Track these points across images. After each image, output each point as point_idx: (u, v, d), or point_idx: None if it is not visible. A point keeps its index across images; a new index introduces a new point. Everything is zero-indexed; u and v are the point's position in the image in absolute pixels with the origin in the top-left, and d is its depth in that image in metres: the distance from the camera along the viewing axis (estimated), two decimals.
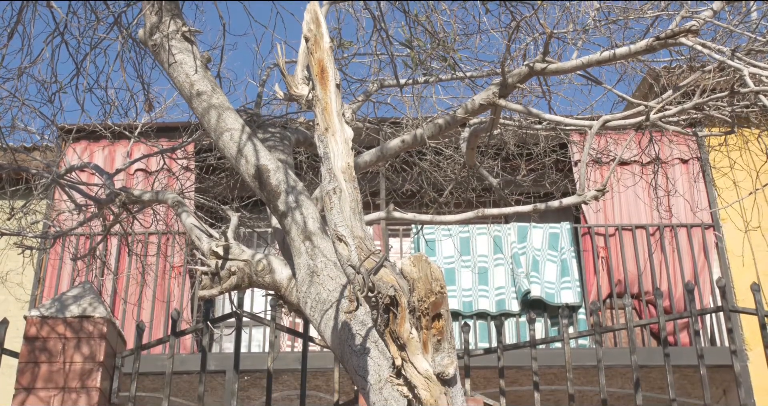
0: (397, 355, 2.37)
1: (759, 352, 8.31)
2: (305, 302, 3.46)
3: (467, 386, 5.03)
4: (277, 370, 8.09)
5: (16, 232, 5.64)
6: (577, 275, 9.25)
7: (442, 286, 2.36)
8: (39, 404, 4.82)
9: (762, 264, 9.12)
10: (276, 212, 3.74)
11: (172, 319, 5.25)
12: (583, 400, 8.84)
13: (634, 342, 5.17)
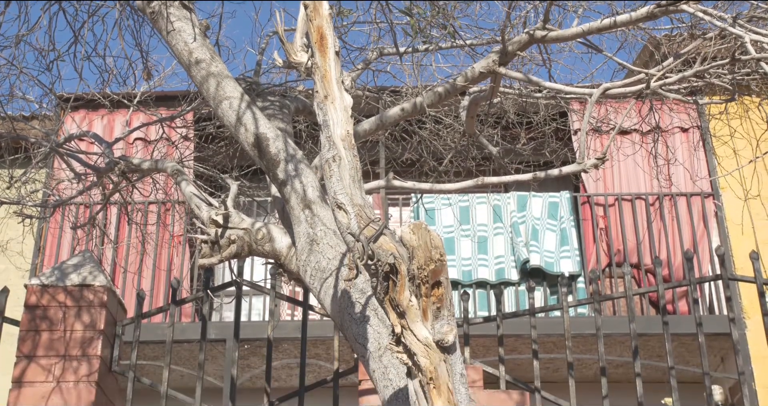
0: (396, 322, 2.37)
1: (757, 320, 8.34)
2: (305, 271, 3.46)
3: (466, 354, 5.05)
4: (277, 338, 8.12)
5: (15, 201, 5.64)
6: (576, 244, 9.26)
7: (442, 254, 2.36)
8: (40, 372, 4.84)
9: (761, 233, 9.13)
10: (275, 180, 3.73)
11: (172, 288, 5.26)
12: (582, 368, 8.88)
13: (633, 310, 5.19)
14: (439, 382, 2.34)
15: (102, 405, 4.91)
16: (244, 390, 8.73)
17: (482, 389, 4.91)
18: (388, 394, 2.82)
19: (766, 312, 5.06)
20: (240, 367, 8.79)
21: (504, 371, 5.12)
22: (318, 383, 5.20)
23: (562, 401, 5.05)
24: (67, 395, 4.79)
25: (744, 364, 8.03)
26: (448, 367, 2.35)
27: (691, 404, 8.77)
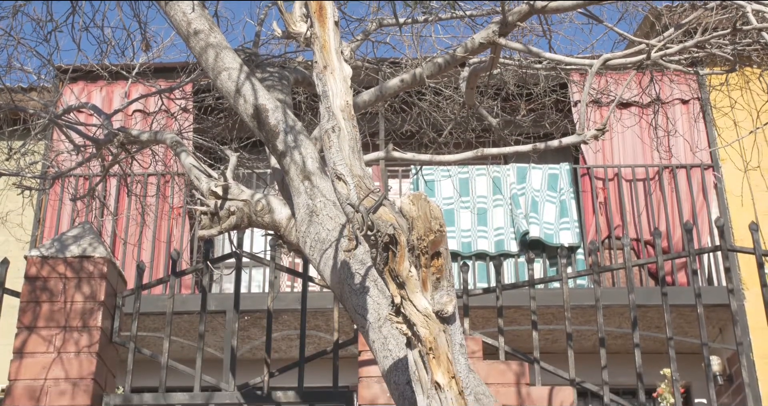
0: (396, 293, 2.37)
1: (755, 291, 8.36)
2: (304, 242, 3.46)
3: (466, 325, 5.06)
4: (277, 310, 8.15)
5: (14, 172, 5.63)
6: (575, 216, 9.27)
7: (441, 224, 2.36)
8: (41, 343, 4.86)
9: (761, 204, 9.13)
10: (275, 151, 3.72)
11: (172, 259, 5.27)
12: (581, 339, 8.92)
13: (632, 281, 5.20)
14: (439, 352, 2.34)
15: (103, 376, 4.94)
16: (245, 361, 8.77)
17: (481, 359, 4.93)
18: (388, 364, 2.83)
19: (764, 283, 5.07)
20: (240, 338, 8.82)
21: (503, 342, 5.14)
22: (318, 354, 5.22)
23: (561, 371, 5.07)
24: (68, 365, 4.81)
25: (742, 335, 8.07)
26: (447, 337, 2.36)
27: (689, 374, 8.82)
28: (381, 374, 3.05)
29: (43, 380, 4.77)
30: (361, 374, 4.88)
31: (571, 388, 4.89)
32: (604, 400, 4.96)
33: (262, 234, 5.39)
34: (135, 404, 4.86)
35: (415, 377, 2.39)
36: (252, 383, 5.10)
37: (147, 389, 7.28)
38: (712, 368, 8.41)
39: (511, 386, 4.86)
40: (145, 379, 7.35)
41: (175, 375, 6.55)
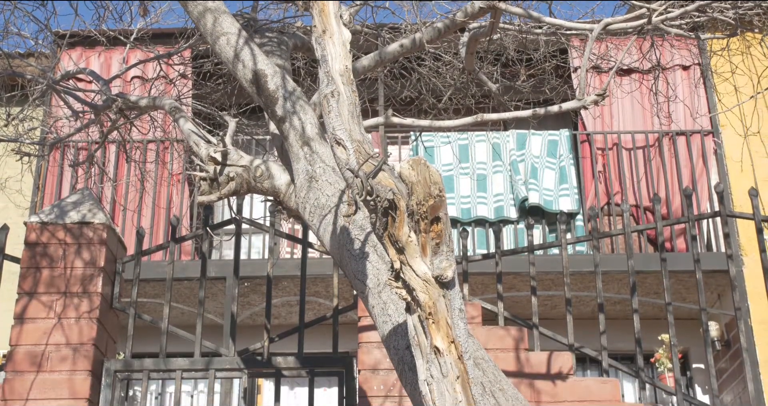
0: (395, 258, 2.37)
1: (754, 257, 8.38)
2: (304, 208, 3.46)
3: (465, 291, 5.08)
4: (277, 276, 8.17)
5: (13, 138, 5.61)
6: (575, 183, 9.27)
7: (441, 189, 2.36)
8: (41, 308, 4.88)
9: (760, 170, 9.12)
10: (274, 117, 3.71)
11: (172, 225, 5.27)
12: (580, 305, 8.95)
13: (631, 247, 5.21)
14: (438, 317, 2.35)
15: (103, 341, 4.96)
16: (245, 327, 8.80)
17: (480, 325, 4.94)
18: (387, 329, 2.84)
19: (763, 249, 5.07)
20: (240, 304, 8.85)
21: (502, 307, 5.15)
22: (318, 320, 5.23)
23: (560, 337, 5.09)
24: (68, 331, 4.83)
25: (741, 300, 8.10)
26: (446, 302, 2.36)
27: (687, 340, 8.86)
28: (381, 339, 3.06)
29: (44, 346, 4.79)
30: (361, 340, 4.90)
31: (569, 353, 4.91)
32: (603, 365, 4.99)
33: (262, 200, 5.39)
34: (136, 369, 4.89)
35: (415, 342, 2.40)
36: (252, 349, 5.12)
37: (147, 354, 7.31)
38: (710, 334, 8.45)
39: (510, 351, 4.88)
40: (145, 345, 7.39)
41: (176, 341, 6.58)
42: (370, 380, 4.79)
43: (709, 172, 9.14)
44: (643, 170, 9.27)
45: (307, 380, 4.89)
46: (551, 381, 4.79)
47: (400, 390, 4.73)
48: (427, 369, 2.35)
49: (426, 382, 2.36)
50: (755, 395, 5.00)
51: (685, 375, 9.11)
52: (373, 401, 4.75)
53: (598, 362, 5.06)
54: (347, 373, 4.86)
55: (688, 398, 5.06)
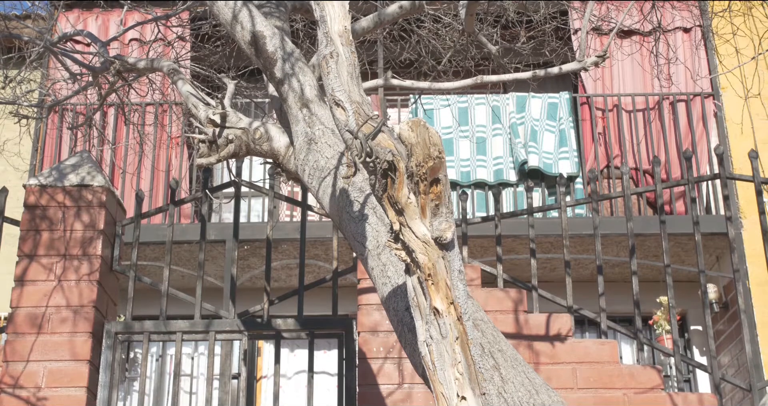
0: (395, 220, 2.37)
1: (753, 220, 8.40)
2: (303, 170, 3.46)
3: (464, 253, 5.09)
4: (277, 239, 8.18)
5: (11, 101, 5.59)
6: (574, 146, 9.25)
7: (440, 151, 2.35)
8: (41, 271, 4.89)
9: (760, 132, 9.11)
10: (273, 79, 3.69)
11: (171, 188, 5.27)
12: (579, 268, 8.97)
13: (630, 209, 5.21)
14: (437, 278, 2.35)
15: (104, 304, 4.97)
16: (244, 290, 8.83)
17: (480, 287, 4.96)
18: (387, 291, 2.85)
19: (763, 211, 5.08)
20: (240, 267, 8.87)
21: (501, 269, 5.17)
22: (317, 282, 5.25)
23: (559, 299, 5.11)
24: (68, 293, 4.84)
25: (739, 262, 8.12)
26: (446, 263, 2.37)
27: (685, 302, 8.90)
28: (380, 301, 3.07)
29: (45, 308, 4.81)
30: (361, 302, 4.92)
31: (568, 315, 4.93)
32: (601, 327, 5.01)
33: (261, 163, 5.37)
34: (136, 331, 4.91)
35: (414, 303, 2.40)
36: (252, 311, 5.14)
37: (148, 317, 7.34)
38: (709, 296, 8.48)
39: (509, 313, 4.90)
40: (145, 307, 7.41)
41: (176, 304, 6.60)
42: (370, 342, 4.81)
43: (709, 134, 9.13)
44: (642, 133, 9.25)
45: (307, 342, 4.92)
46: (550, 343, 4.81)
47: (399, 351, 4.76)
48: (427, 330, 2.36)
49: (425, 343, 2.37)
50: (752, 357, 5.03)
51: (683, 337, 9.16)
52: (372, 363, 4.78)
53: (596, 324, 5.08)
54: (347, 335, 4.88)
55: (685, 359, 5.09)
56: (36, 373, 4.70)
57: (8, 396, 4.66)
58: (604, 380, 4.71)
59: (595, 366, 4.75)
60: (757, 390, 4.91)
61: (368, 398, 4.73)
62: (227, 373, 8.07)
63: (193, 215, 9.10)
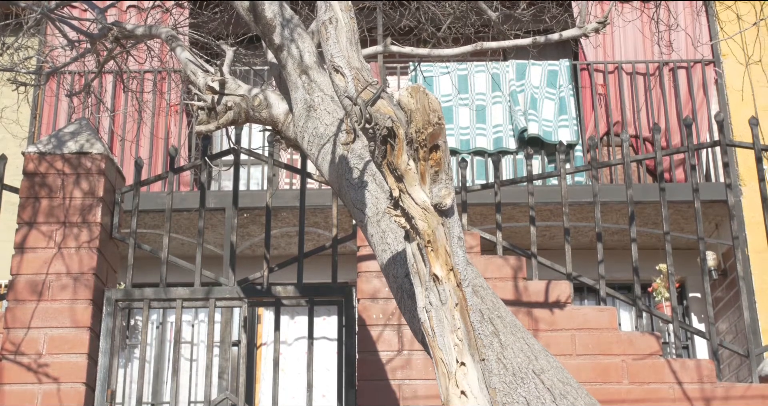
0: (394, 186, 2.37)
1: (752, 187, 8.40)
2: (302, 137, 3.45)
3: (464, 221, 5.09)
4: (276, 207, 8.18)
5: (8, 67, 5.57)
6: (574, 114, 9.23)
7: (440, 117, 2.34)
8: (41, 238, 4.89)
9: (761, 99, 9.08)
10: (271, 45, 3.68)
11: (170, 155, 5.26)
12: (578, 235, 8.98)
13: (630, 177, 5.20)
14: (437, 245, 2.35)
15: (104, 271, 4.98)
16: (244, 258, 8.84)
17: (479, 255, 4.97)
18: (386, 258, 2.85)
19: (762, 177, 5.07)
20: (239, 235, 8.88)
21: (501, 237, 5.17)
22: (317, 250, 5.25)
23: (558, 266, 5.12)
24: (68, 260, 4.85)
25: (738, 229, 8.13)
26: (445, 230, 2.37)
27: (684, 270, 8.92)
28: (379, 268, 3.07)
29: (45, 275, 4.81)
30: (360, 269, 4.93)
31: (567, 282, 4.94)
32: (600, 294, 5.02)
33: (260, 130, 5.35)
34: (136, 299, 4.92)
35: (414, 270, 2.40)
36: (252, 278, 5.15)
37: (148, 285, 7.36)
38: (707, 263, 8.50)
39: (508, 280, 4.91)
40: (145, 275, 7.43)
41: (176, 272, 6.61)
42: (370, 309, 4.83)
43: (709, 102, 9.10)
44: (643, 101, 9.23)
45: (307, 309, 4.93)
46: (549, 309, 4.83)
47: (399, 318, 4.78)
48: (426, 297, 2.37)
49: (425, 309, 2.37)
50: (750, 323, 5.05)
51: (681, 304, 9.19)
52: (372, 329, 4.80)
53: (595, 292, 5.10)
54: (347, 302, 4.90)
55: (684, 325, 5.10)
56: (37, 340, 4.72)
57: (10, 363, 4.68)
58: (603, 346, 4.73)
59: (593, 333, 4.77)
60: (754, 356, 4.94)
61: (368, 364, 4.76)
62: (227, 340, 8.11)
63: (193, 182, 9.10)
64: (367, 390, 4.72)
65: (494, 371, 2.49)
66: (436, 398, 4.54)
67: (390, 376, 4.72)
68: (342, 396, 4.76)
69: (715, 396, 4.63)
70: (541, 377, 2.55)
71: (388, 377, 4.72)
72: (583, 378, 4.56)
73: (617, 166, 7.37)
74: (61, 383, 4.65)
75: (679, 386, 4.64)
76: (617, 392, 4.65)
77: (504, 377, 2.53)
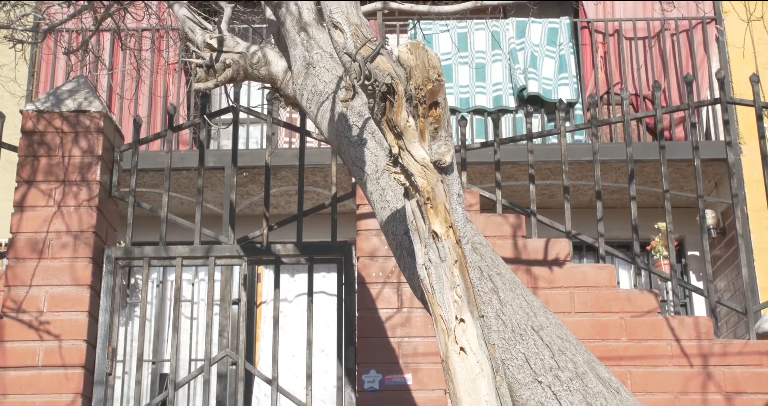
0: (393, 143, 2.36)
1: (752, 145, 8.38)
2: (301, 95, 3.44)
3: (463, 179, 5.09)
4: (276, 166, 8.17)
5: (5, 25, 5.53)
6: (575, 72, 9.19)
7: (440, 73, 2.33)
8: (41, 196, 4.89)
9: (762, 56, 9.02)
10: (270, 2, 3.65)
11: (169, 114, 5.24)
12: (578, 194, 8.98)
13: (630, 135, 5.19)
14: (437, 202, 2.35)
15: (103, 229, 4.99)
16: (243, 217, 8.84)
17: (479, 213, 4.97)
18: (386, 215, 2.85)
19: (763, 135, 5.07)
20: (239, 194, 8.88)
21: (500, 195, 5.17)
22: (316, 208, 5.26)
23: (557, 224, 5.12)
24: (68, 218, 4.85)
25: (738, 187, 8.13)
26: (445, 187, 2.36)
27: (683, 228, 8.93)
28: (379, 226, 3.07)
29: (45, 233, 4.82)
30: (360, 228, 4.93)
31: (567, 240, 4.95)
32: (600, 252, 5.04)
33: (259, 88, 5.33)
34: (136, 257, 4.93)
35: (413, 227, 2.41)
36: (251, 237, 5.16)
37: (147, 244, 7.37)
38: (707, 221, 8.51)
39: (507, 238, 4.92)
40: (145, 234, 7.43)
41: (176, 231, 6.62)
42: (369, 267, 4.84)
43: (710, 59, 9.05)
44: (643, 59, 9.18)
45: (307, 268, 4.95)
46: (548, 267, 4.84)
47: (398, 276, 4.79)
48: (425, 254, 2.37)
49: (424, 266, 2.38)
50: (749, 281, 5.07)
51: (680, 262, 9.21)
52: (371, 287, 4.82)
53: (594, 250, 5.11)
54: (346, 260, 4.91)
55: (682, 283, 5.12)
56: (38, 297, 4.74)
57: (11, 320, 4.70)
58: (602, 304, 4.76)
59: (592, 290, 4.79)
60: (752, 313, 4.96)
61: (367, 321, 4.78)
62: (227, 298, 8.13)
63: (192, 141, 9.08)
64: (366, 347, 4.75)
65: (493, 327, 2.51)
66: (436, 355, 4.57)
67: (389, 333, 4.75)
68: (342, 353, 4.79)
69: (712, 353, 4.66)
70: (540, 334, 2.56)
71: (388, 334, 4.75)
72: (581, 335, 4.58)
73: (617, 124, 7.36)
74: (62, 340, 4.68)
75: (676, 342, 4.67)
76: (615, 348, 4.68)
77: (503, 333, 2.54)
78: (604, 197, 8.81)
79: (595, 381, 2.50)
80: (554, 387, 2.47)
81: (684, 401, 4.60)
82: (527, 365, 2.51)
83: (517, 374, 2.50)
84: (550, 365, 2.50)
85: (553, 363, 2.50)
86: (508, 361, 2.51)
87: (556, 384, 2.47)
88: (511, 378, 2.49)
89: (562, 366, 2.50)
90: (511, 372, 2.50)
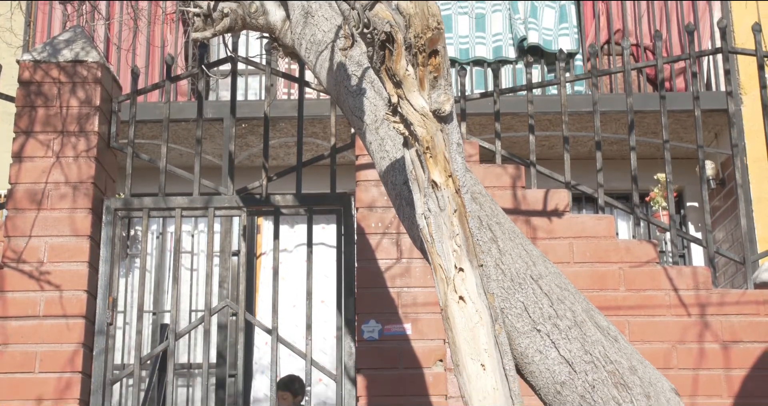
0: (393, 92, 2.35)
1: (753, 96, 8.35)
2: (300, 44, 3.41)
3: (463, 129, 5.07)
4: (274, 118, 8.14)
5: None
6: (575, 22, 9.12)
7: (439, 22, 2.31)
8: (39, 147, 4.88)
9: (765, 6, 8.95)
10: None
11: (167, 64, 5.21)
12: (577, 145, 8.96)
13: (630, 85, 5.17)
14: (436, 151, 2.35)
15: (102, 180, 4.98)
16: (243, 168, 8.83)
17: (478, 163, 4.97)
18: (385, 165, 2.85)
19: (764, 85, 5.04)
20: (237, 146, 8.86)
21: (500, 146, 5.16)
22: (316, 159, 5.25)
23: (557, 175, 5.12)
24: (67, 169, 4.85)
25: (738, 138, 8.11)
26: (444, 136, 2.36)
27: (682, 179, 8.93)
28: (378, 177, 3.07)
29: (44, 184, 4.82)
30: (359, 178, 4.93)
31: (566, 191, 4.95)
32: (599, 202, 5.04)
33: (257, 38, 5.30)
34: (135, 208, 4.94)
35: (412, 177, 2.40)
36: (250, 188, 5.16)
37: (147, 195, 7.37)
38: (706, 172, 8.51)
39: (507, 189, 4.92)
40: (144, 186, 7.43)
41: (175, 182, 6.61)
42: (368, 218, 4.85)
43: (711, 9, 8.98)
44: (644, 8, 9.10)
45: (306, 218, 4.95)
46: (547, 218, 4.85)
47: (397, 227, 4.80)
48: (425, 203, 2.37)
49: (423, 216, 2.38)
50: (747, 231, 5.08)
51: (679, 213, 9.23)
52: (371, 238, 4.83)
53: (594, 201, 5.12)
54: (345, 211, 4.92)
55: (681, 233, 5.14)
56: (38, 248, 4.75)
57: (11, 270, 4.72)
58: (600, 254, 4.77)
59: (591, 241, 4.80)
60: (750, 263, 4.98)
61: (367, 272, 4.80)
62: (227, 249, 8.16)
63: (190, 93, 9.03)
64: (366, 297, 4.77)
65: (492, 276, 2.51)
66: (435, 305, 4.60)
67: (389, 283, 4.77)
68: (341, 303, 4.81)
69: (710, 302, 4.69)
70: (539, 283, 2.57)
71: (387, 284, 4.77)
72: (580, 285, 4.60)
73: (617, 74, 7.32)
74: (62, 290, 4.70)
75: (675, 292, 4.70)
76: (614, 298, 4.70)
77: (502, 282, 2.55)
78: (604, 148, 8.78)
79: (593, 329, 2.52)
80: (553, 335, 2.49)
81: (681, 349, 4.63)
82: (526, 313, 2.52)
83: (516, 323, 2.51)
84: (548, 313, 2.52)
85: (552, 312, 2.52)
86: (506, 310, 2.52)
87: (555, 332, 2.49)
88: (509, 327, 2.51)
89: (561, 315, 2.52)
90: (510, 321, 2.51)
